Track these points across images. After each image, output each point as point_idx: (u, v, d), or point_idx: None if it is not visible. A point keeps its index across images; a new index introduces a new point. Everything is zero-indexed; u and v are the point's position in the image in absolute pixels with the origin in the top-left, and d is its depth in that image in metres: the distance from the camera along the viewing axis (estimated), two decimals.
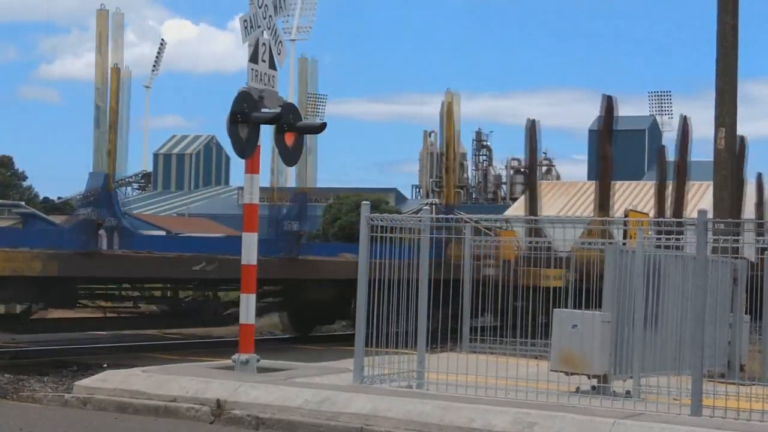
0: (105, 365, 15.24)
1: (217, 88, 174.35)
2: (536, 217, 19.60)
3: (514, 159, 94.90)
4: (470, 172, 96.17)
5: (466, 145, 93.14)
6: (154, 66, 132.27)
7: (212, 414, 11.23)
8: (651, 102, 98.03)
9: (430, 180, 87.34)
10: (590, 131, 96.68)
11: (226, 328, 21.41)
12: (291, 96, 26.46)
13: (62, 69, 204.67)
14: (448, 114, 24.71)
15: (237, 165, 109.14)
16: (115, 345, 19.52)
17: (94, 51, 17.20)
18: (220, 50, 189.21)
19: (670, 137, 49.47)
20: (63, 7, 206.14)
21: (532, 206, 25.78)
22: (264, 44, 13.03)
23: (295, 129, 13.09)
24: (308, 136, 18.25)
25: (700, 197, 51.17)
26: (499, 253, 15.29)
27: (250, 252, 12.84)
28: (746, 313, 14.42)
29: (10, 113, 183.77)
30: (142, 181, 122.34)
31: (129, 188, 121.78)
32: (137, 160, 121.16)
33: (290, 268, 19.69)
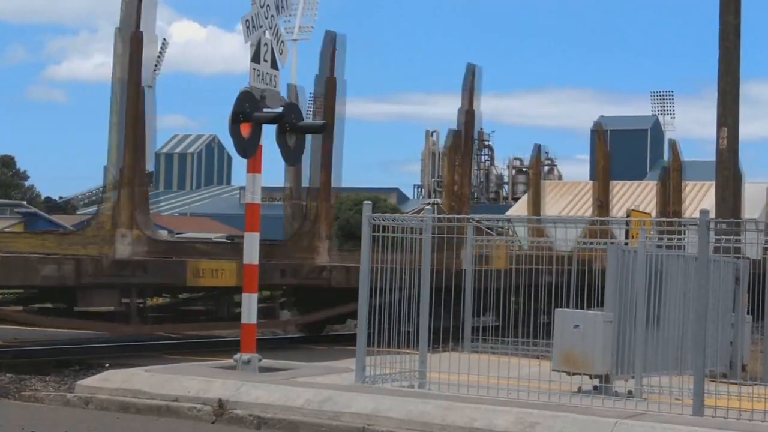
0: (107, 365, 15.22)
1: (223, 89, 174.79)
2: (538, 217, 19.58)
3: (515, 159, 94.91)
4: (472, 171, 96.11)
5: None
6: (156, 65, 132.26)
7: (214, 414, 11.22)
8: (653, 102, 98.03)
9: (432, 180, 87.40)
10: (592, 131, 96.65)
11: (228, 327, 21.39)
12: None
13: (69, 70, 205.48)
14: None
15: (239, 164, 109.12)
16: (116, 344, 19.49)
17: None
18: (227, 51, 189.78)
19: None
20: (71, 9, 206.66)
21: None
22: (266, 44, 13.04)
23: (297, 129, 13.08)
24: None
25: (702, 197, 51.10)
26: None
27: (252, 251, 12.84)
28: (748, 313, 14.40)
29: (19, 113, 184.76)
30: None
31: None
32: None
33: None
